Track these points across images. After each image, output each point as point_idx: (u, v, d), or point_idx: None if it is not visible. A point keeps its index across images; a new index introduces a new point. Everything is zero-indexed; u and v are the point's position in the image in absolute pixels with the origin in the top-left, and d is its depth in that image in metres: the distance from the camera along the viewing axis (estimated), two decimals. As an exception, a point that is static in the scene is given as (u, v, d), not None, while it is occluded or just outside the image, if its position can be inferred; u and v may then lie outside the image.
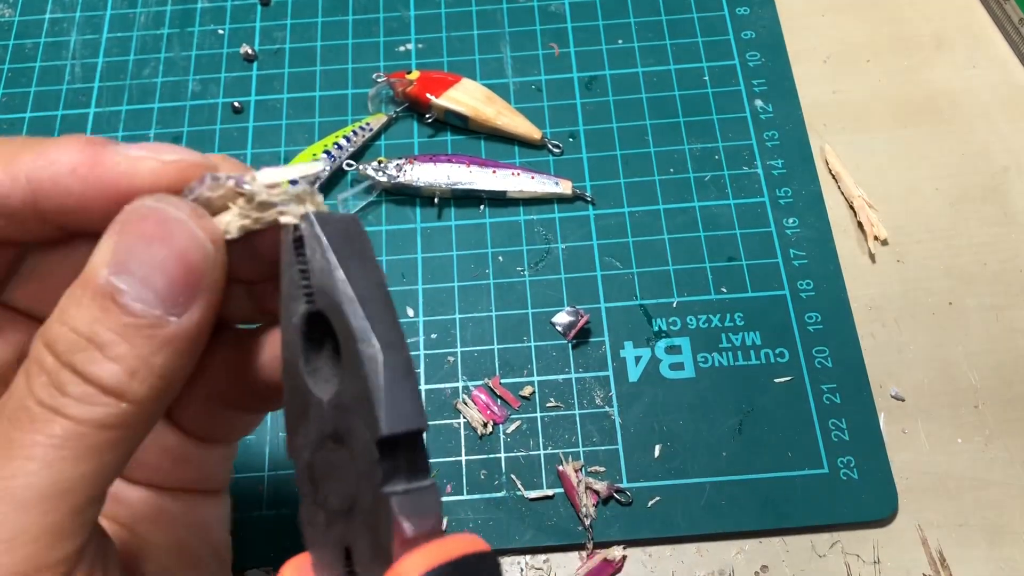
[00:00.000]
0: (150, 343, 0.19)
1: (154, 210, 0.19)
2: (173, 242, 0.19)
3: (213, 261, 0.20)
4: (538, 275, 0.45)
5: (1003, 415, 0.42)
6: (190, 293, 0.19)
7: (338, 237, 0.20)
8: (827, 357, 0.43)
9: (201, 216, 0.20)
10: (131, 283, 0.19)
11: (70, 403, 0.18)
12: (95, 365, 0.18)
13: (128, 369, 0.19)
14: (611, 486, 0.40)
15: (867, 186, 0.47)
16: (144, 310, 0.19)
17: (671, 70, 0.51)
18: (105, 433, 0.19)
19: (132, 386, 0.19)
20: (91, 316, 0.19)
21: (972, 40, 0.52)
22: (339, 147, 0.48)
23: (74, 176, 0.20)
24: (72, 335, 0.19)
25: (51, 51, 0.53)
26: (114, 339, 0.19)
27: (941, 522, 0.39)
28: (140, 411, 0.19)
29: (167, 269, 0.19)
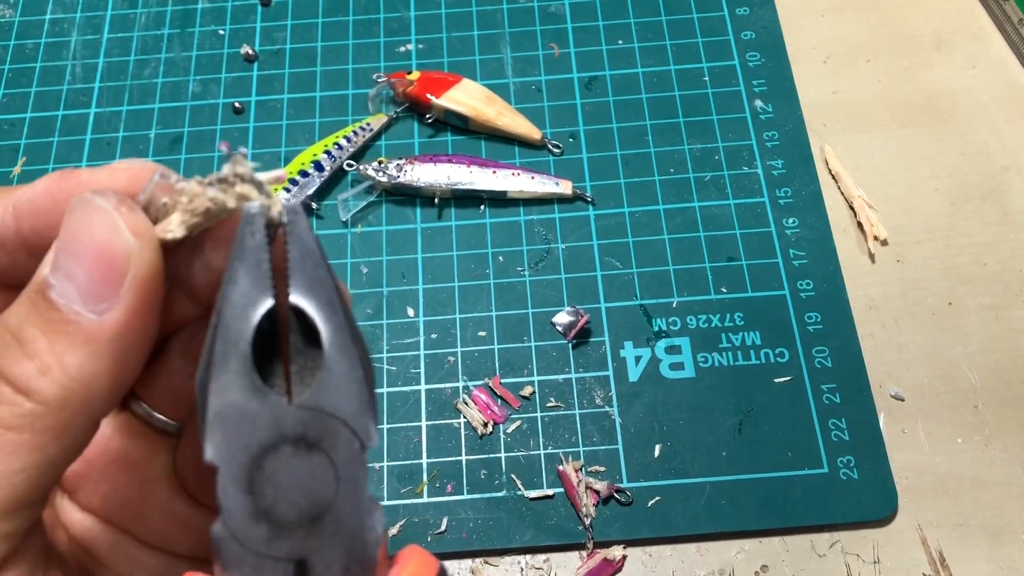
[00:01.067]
0: (66, 340, 0.18)
1: (83, 202, 0.19)
2: (93, 233, 0.19)
3: (138, 256, 0.19)
4: (538, 275, 0.45)
5: (1003, 415, 0.42)
6: (111, 289, 0.19)
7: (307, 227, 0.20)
8: (827, 357, 0.43)
9: (129, 209, 0.20)
10: (58, 278, 0.19)
11: None
12: (10, 360, 0.18)
13: (41, 366, 0.18)
14: (611, 486, 0.40)
15: (867, 186, 0.48)
16: (64, 304, 0.18)
17: (671, 70, 0.51)
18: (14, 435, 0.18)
19: (41, 383, 0.18)
20: (24, 311, 0.19)
21: (972, 40, 0.52)
22: (339, 147, 0.48)
23: (46, 194, 0.21)
24: (2, 330, 0.19)
25: (52, 51, 0.54)
26: (36, 335, 0.18)
27: (941, 522, 0.39)
28: (48, 413, 0.18)
29: (87, 263, 0.19)
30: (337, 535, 0.19)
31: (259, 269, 0.20)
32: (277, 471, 0.19)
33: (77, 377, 0.18)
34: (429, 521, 0.40)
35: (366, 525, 0.18)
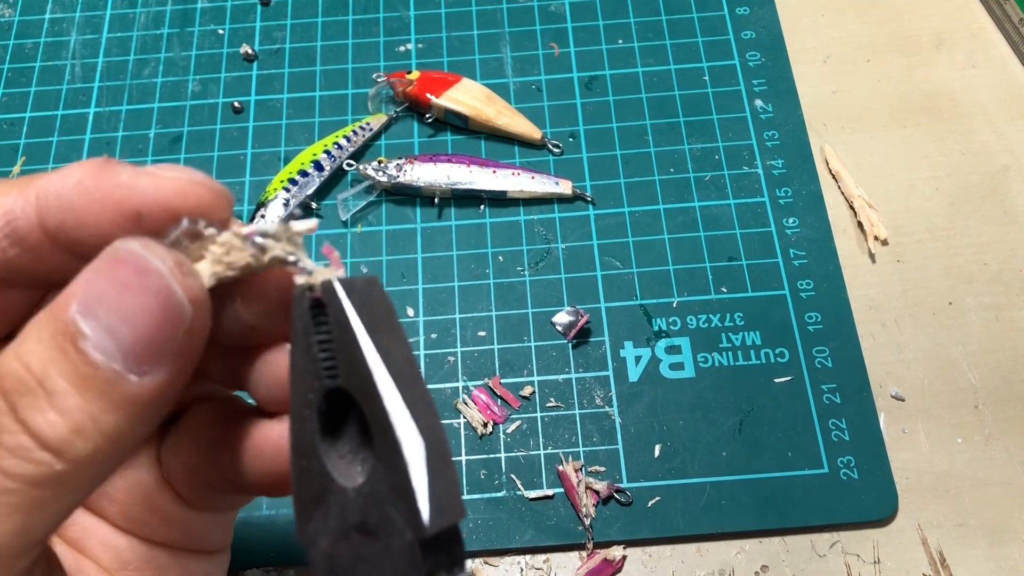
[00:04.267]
0: (103, 400, 0.17)
1: (133, 255, 0.18)
2: (148, 296, 0.17)
3: (190, 324, 0.18)
4: (538, 275, 0.45)
5: (1003, 415, 0.42)
6: (158, 354, 0.17)
7: (362, 305, 0.18)
8: (827, 357, 0.43)
9: (186, 273, 0.18)
10: (96, 329, 0.17)
11: (2, 454, 0.16)
12: (38, 414, 0.17)
13: (73, 425, 0.17)
14: (611, 486, 0.40)
15: (867, 186, 0.47)
16: (104, 362, 0.17)
17: (671, 70, 0.51)
18: (37, 491, 0.17)
19: (75, 444, 0.17)
20: (47, 355, 0.17)
21: (972, 40, 0.52)
22: (339, 147, 0.48)
23: (77, 188, 0.19)
24: (23, 371, 0.17)
25: (51, 51, 0.53)
26: (65, 388, 0.17)
27: (941, 522, 0.39)
28: (79, 472, 0.17)
29: (136, 323, 0.17)
30: None
31: (309, 353, 0.19)
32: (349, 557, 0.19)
33: (112, 438, 0.17)
34: (429, 521, 0.40)
35: None
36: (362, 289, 0.19)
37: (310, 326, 0.19)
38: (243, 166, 0.49)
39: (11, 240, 0.19)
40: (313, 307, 0.19)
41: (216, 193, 0.20)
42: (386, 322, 0.19)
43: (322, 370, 0.19)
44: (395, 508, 0.18)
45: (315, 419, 0.19)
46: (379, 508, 0.18)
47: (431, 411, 0.18)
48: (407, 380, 0.18)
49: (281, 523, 0.40)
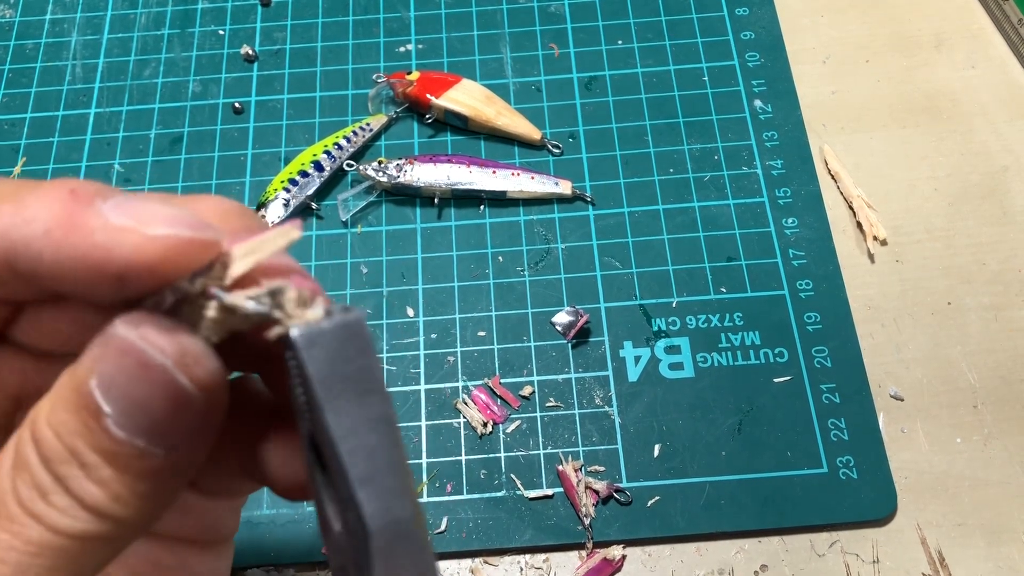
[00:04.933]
0: (135, 473, 0.17)
1: (133, 348, 0.17)
2: (155, 387, 0.17)
3: (205, 407, 0.18)
4: (538, 275, 0.45)
5: (1002, 415, 0.42)
6: (177, 434, 0.17)
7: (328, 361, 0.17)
8: (826, 357, 0.43)
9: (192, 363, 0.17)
10: (115, 408, 0.17)
11: (51, 512, 0.17)
12: (78, 482, 0.17)
13: (111, 494, 0.17)
14: (611, 485, 0.40)
15: (866, 186, 0.48)
16: (127, 439, 0.17)
17: (671, 70, 0.51)
18: (84, 544, 0.17)
19: (115, 509, 0.17)
20: (74, 428, 0.17)
21: (971, 40, 0.52)
22: (339, 147, 0.48)
23: (47, 239, 0.17)
24: (55, 442, 0.17)
25: (52, 52, 0.54)
26: (97, 461, 0.17)
27: (940, 521, 0.39)
28: (122, 528, 0.18)
29: (150, 410, 0.17)
30: None
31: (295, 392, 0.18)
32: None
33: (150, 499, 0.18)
34: (429, 521, 0.40)
35: None
36: (333, 335, 0.17)
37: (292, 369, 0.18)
38: (243, 167, 0.49)
39: None
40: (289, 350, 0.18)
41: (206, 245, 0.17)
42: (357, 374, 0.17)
43: (304, 414, 0.18)
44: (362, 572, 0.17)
45: (312, 455, 0.18)
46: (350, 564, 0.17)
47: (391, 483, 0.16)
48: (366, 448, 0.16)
49: (281, 523, 0.40)
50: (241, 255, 0.17)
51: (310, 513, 0.40)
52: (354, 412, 0.17)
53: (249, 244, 0.17)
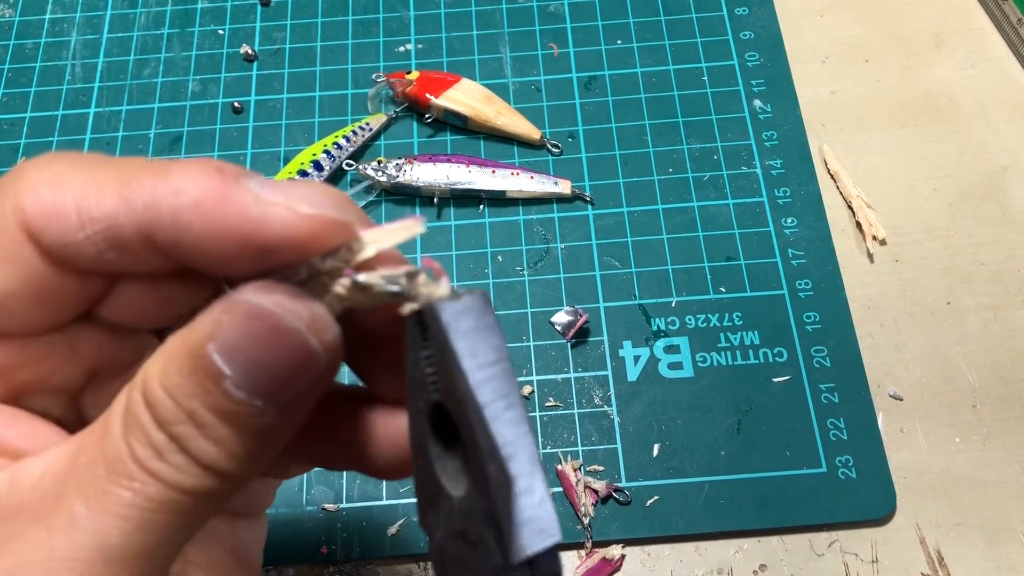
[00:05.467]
0: (249, 431, 0.18)
1: (269, 314, 0.18)
2: (285, 351, 0.18)
3: (325, 369, 0.19)
4: (537, 275, 0.45)
5: (1001, 414, 0.42)
6: (295, 394, 0.19)
7: (463, 329, 0.18)
8: (825, 357, 0.43)
9: (321, 329, 0.18)
10: (235, 371, 0.18)
11: (169, 470, 0.18)
12: (194, 441, 0.18)
13: (228, 452, 0.18)
14: (610, 485, 0.40)
15: (865, 186, 0.48)
16: (246, 399, 0.18)
17: (670, 70, 0.51)
18: (197, 501, 0.19)
19: (229, 466, 0.18)
20: (191, 390, 0.18)
21: (971, 40, 0.52)
22: (339, 147, 0.48)
23: (197, 211, 0.18)
24: (171, 404, 0.18)
25: (51, 51, 0.54)
26: (213, 421, 0.18)
27: (939, 521, 0.39)
28: (232, 486, 0.19)
29: (275, 372, 0.18)
30: None
31: (417, 366, 0.19)
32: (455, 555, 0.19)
33: (258, 458, 0.19)
34: (428, 520, 0.40)
35: None
36: (466, 309, 0.19)
37: (418, 341, 0.19)
38: (243, 166, 0.49)
39: (110, 244, 0.19)
40: (420, 324, 0.19)
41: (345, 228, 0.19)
42: (487, 343, 0.18)
43: (429, 384, 0.19)
44: (487, 531, 0.18)
45: (427, 426, 0.20)
46: (476, 525, 0.18)
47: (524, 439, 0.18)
48: (502, 407, 0.18)
49: (281, 522, 0.40)
50: (371, 240, 0.19)
51: (309, 513, 0.40)
52: (490, 375, 0.18)
53: (378, 231, 0.19)
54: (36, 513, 0.18)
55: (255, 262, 0.18)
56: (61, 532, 0.17)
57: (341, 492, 0.40)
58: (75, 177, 0.19)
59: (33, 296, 0.19)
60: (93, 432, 0.19)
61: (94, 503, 0.18)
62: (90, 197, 0.18)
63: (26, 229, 0.19)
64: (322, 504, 0.40)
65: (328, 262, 0.19)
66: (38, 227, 0.18)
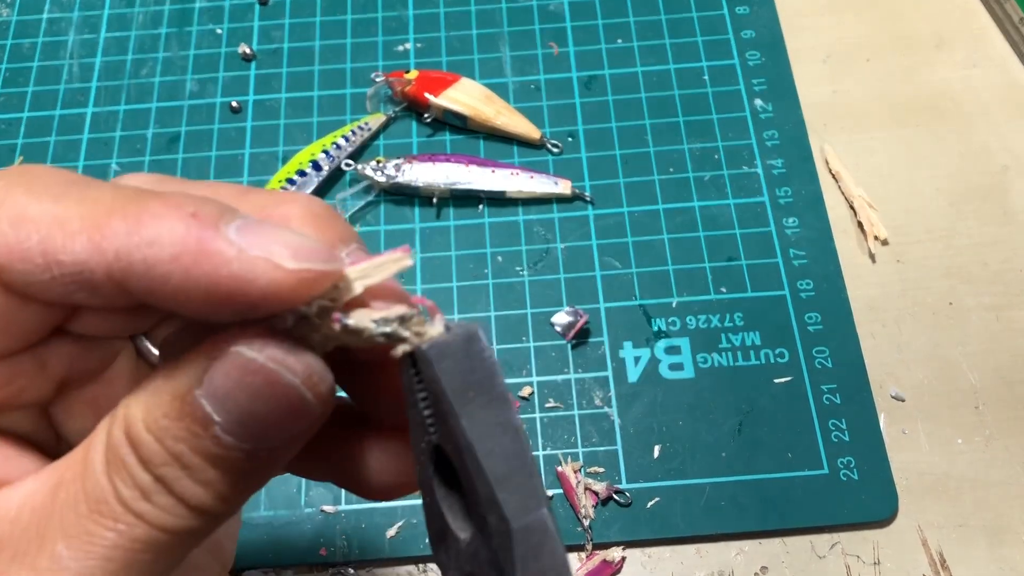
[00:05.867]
0: (236, 472, 0.18)
1: (264, 369, 0.17)
2: (279, 403, 0.18)
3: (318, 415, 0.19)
4: (537, 275, 0.45)
5: (1003, 415, 0.42)
6: (287, 440, 0.19)
7: (457, 372, 0.18)
8: (827, 357, 0.42)
9: (316, 382, 0.18)
10: (226, 418, 0.17)
11: (155, 511, 0.18)
12: (181, 483, 0.18)
13: (215, 493, 0.18)
14: (610, 487, 0.40)
15: (867, 186, 0.47)
16: (235, 444, 0.18)
17: (670, 69, 0.51)
18: (183, 539, 0.19)
19: (216, 505, 0.19)
20: (177, 434, 0.18)
21: (972, 39, 0.52)
22: (337, 147, 0.48)
23: (175, 264, 0.17)
24: (156, 446, 0.18)
25: (49, 51, 0.53)
26: (201, 464, 0.18)
27: (941, 523, 0.39)
28: (219, 520, 0.19)
29: (267, 421, 0.18)
30: None
31: (415, 407, 0.19)
32: None
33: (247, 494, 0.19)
34: (427, 522, 0.39)
35: None
36: (459, 348, 0.18)
37: (413, 382, 0.19)
38: (241, 166, 0.49)
39: (79, 287, 0.18)
40: (414, 363, 0.19)
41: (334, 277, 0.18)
42: (483, 382, 0.18)
43: (428, 425, 0.19)
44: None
45: (430, 466, 0.19)
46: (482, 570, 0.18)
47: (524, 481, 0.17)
48: (501, 453, 0.17)
49: (280, 524, 0.40)
50: (355, 277, 0.18)
51: (308, 515, 0.40)
52: (486, 417, 0.17)
53: (362, 267, 0.18)
54: (16, 552, 0.18)
55: (240, 314, 0.18)
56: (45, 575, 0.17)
57: (340, 494, 0.40)
58: (38, 212, 0.17)
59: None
60: (71, 466, 0.18)
61: (77, 544, 0.17)
62: (56, 239, 0.17)
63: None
64: (321, 506, 0.40)
65: (316, 304, 0.18)
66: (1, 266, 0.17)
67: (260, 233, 0.17)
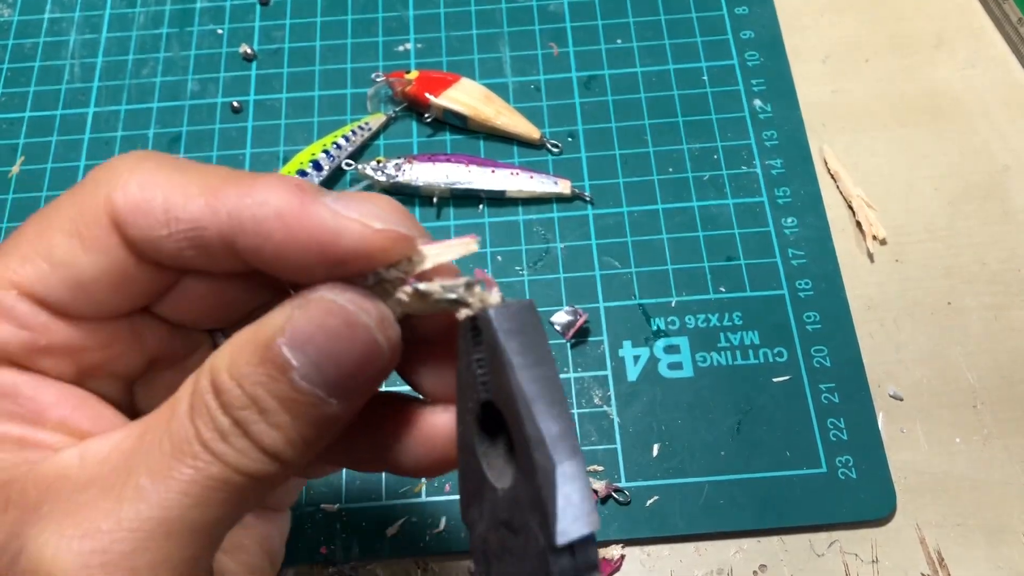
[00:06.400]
0: (308, 419, 0.20)
1: (343, 310, 0.20)
2: (355, 345, 0.20)
3: (386, 364, 0.21)
4: (537, 275, 0.45)
5: (1002, 415, 0.42)
6: (357, 387, 0.20)
7: (513, 332, 0.20)
8: (826, 357, 0.43)
9: (387, 327, 0.20)
10: (303, 362, 0.19)
11: (230, 452, 0.19)
12: (257, 426, 0.19)
13: (286, 438, 0.20)
14: (609, 485, 0.40)
15: (866, 186, 0.47)
16: (310, 389, 0.19)
17: (670, 70, 0.51)
18: (253, 483, 0.20)
19: (286, 451, 0.20)
20: (258, 379, 0.19)
21: (971, 39, 0.52)
22: (338, 147, 0.48)
23: (279, 221, 0.20)
24: (237, 391, 0.19)
25: (50, 51, 0.54)
26: (276, 408, 0.19)
27: (939, 522, 0.39)
28: (286, 471, 0.20)
29: (343, 365, 0.20)
30: None
31: (469, 368, 0.21)
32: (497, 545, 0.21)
33: (313, 446, 0.20)
34: (428, 520, 0.40)
35: None
36: (515, 315, 0.21)
37: (470, 345, 0.21)
38: (242, 166, 0.49)
39: (191, 245, 0.20)
40: (473, 329, 0.21)
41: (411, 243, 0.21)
42: (534, 346, 0.20)
43: (479, 384, 0.21)
44: (531, 516, 0.19)
45: (474, 424, 0.21)
46: (521, 512, 0.20)
47: (567, 430, 0.19)
48: (547, 402, 0.19)
49: (279, 523, 0.40)
50: (430, 255, 0.22)
51: (308, 513, 0.40)
52: (537, 373, 0.20)
53: (436, 247, 0.22)
54: (104, 486, 0.19)
55: (328, 270, 0.20)
56: (128, 503, 0.19)
57: (340, 492, 0.40)
58: (164, 179, 0.20)
59: (111, 282, 0.21)
60: (159, 415, 0.20)
61: (159, 478, 0.19)
62: (178, 199, 0.20)
63: (115, 221, 0.20)
64: (321, 504, 0.40)
65: (392, 272, 0.21)
66: (126, 220, 0.20)
67: (353, 202, 0.20)
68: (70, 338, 0.22)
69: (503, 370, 0.20)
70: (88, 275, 0.21)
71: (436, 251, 0.22)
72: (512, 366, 0.20)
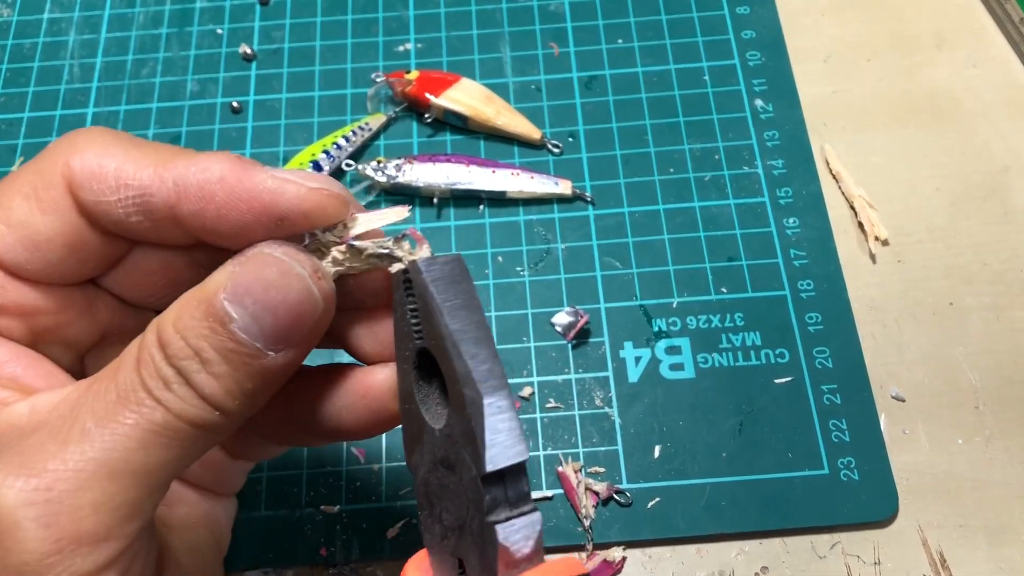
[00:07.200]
0: (247, 370, 0.21)
1: (279, 261, 0.21)
2: (289, 294, 0.21)
3: (321, 315, 0.22)
4: (538, 275, 0.45)
5: (1004, 415, 0.42)
6: (292, 337, 0.21)
7: (442, 281, 0.22)
8: (827, 357, 0.42)
9: (321, 277, 0.22)
10: (242, 315, 0.21)
11: (172, 399, 0.21)
12: (198, 375, 0.21)
13: (225, 388, 0.21)
14: (611, 487, 0.40)
15: (867, 186, 0.47)
16: (247, 341, 0.21)
17: (671, 70, 0.51)
18: (196, 432, 0.21)
19: (225, 401, 0.21)
20: (200, 332, 0.21)
21: (972, 39, 0.52)
22: (338, 147, 0.48)
23: (221, 184, 0.22)
24: (181, 343, 0.21)
25: (49, 51, 0.53)
26: (217, 359, 0.21)
27: (941, 523, 0.39)
28: (225, 421, 0.22)
29: (278, 314, 0.21)
30: (472, 545, 0.21)
31: (404, 319, 0.23)
32: (437, 485, 0.23)
33: (251, 398, 0.22)
34: (428, 522, 0.39)
35: (487, 540, 0.21)
36: (443, 266, 0.22)
37: (404, 297, 0.23)
38: (242, 166, 0.49)
39: (138, 210, 0.22)
40: (405, 281, 0.23)
41: (344, 203, 0.23)
42: (462, 293, 0.22)
43: (414, 333, 0.23)
44: (464, 449, 0.21)
45: (412, 372, 0.23)
46: (455, 448, 0.21)
47: (495, 367, 0.21)
48: (474, 341, 0.21)
49: (279, 524, 0.40)
50: (364, 220, 0.23)
51: (308, 515, 0.40)
52: (465, 317, 0.21)
53: (370, 214, 0.23)
54: (51, 430, 0.20)
55: (267, 231, 0.22)
56: (74, 445, 0.20)
57: (340, 494, 0.40)
58: (120, 150, 0.22)
59: (65, 244, 0.23)
60: (107, 370, 0.22)
61: (104, 422, 0.20)
62: (128, 168, 0.22)
63: (70, 185, 0.22)
64: (321, 506, 0.40)
65: (327, 236, 0.23)
66: (80, 184, 0.22)
67: (290, 171, 0.22)
68: (24, 298, 0.23)
69: (432, 315, 0.21)
70: (43, 235, 0.22)
71: (369, 217, 0.23)
72: (441, 311, 0.21)
